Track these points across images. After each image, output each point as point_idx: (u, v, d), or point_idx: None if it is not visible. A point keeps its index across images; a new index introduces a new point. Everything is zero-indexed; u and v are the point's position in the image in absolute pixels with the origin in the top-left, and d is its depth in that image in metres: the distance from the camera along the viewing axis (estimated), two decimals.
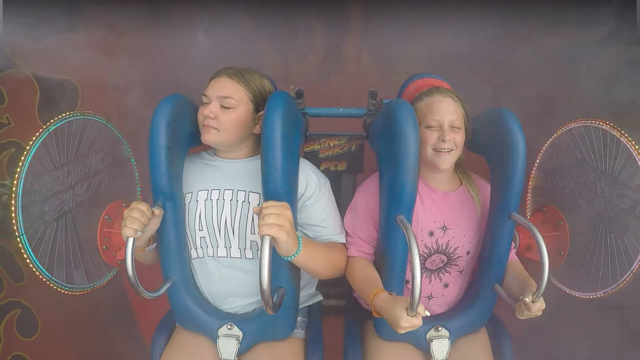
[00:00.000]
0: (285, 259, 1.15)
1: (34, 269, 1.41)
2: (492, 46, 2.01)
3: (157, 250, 1.32)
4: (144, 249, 1.24)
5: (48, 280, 1.44)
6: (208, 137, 1.29)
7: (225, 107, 1.28)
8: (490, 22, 1.90)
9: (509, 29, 1.91)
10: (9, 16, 1.69)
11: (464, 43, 2.06)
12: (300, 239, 1.15)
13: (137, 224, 1.12)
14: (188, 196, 1.33)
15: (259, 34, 2.23)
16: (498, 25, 1.91)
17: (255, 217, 1.28)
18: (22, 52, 1.74)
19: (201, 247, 1.32)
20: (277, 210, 1.06)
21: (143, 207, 1.14)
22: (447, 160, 1.31)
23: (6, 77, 1.72)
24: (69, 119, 1.50)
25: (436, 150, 1.30)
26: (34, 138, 1.40)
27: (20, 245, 1.37)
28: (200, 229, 1.31)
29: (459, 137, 1.32)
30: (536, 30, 1.93)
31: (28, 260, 1.39)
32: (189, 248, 1.34)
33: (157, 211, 1.17)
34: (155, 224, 1.20)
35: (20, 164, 1.37)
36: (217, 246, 1.31)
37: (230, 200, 1.30)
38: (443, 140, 1.28)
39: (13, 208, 1.35)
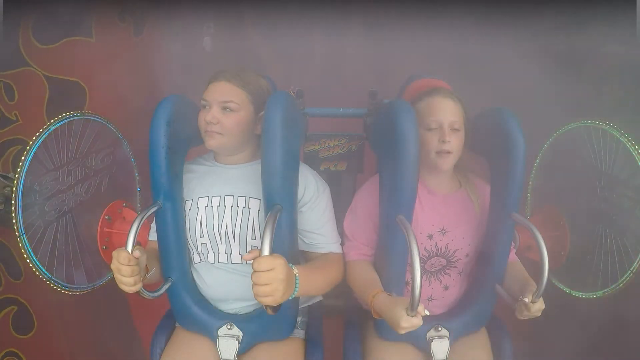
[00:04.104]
0: None
1: (34, 269, 1.41)
2: (491, 46, 2.00)
3: (158, 269, 1.32)
4: (144, 277, 1.20)
5: (48, 280, 1.44)
6: (212, 142, 1.28)
7: (227, 111, 1.27)
8: (489, 22, 1.90)
9: (508, 29, 1.91)
10: (25, 16, 1.70)
11: (463, 43, 2.06)
12: (297, 280, 1.10)
13: (130, 270, 1.09)
14: (188, 203, 1.32)
15: (260, 34, 2.23)
16: (497, 26, 1.91)
17: (256, 222, 1.28)
18: (35, 52, 1.75)
19: (202, 253, 1.32)
20: (267, 277, 1.00)
21: (124, 253, 1.09)
22: (448, 161, 1.31)
23: (18, 74, 1.73)
24: (69, 119, 1.50)
25: (437, 152, 1.30)
26: (34, 138, 1.40)
27: (20, 245, 1.37)
28: (201, 235, 1.31)
29: (459, 139, 1.32)
30: (536, 30, 1.93)
31: (28, 260, 1.39)
32: (191, 253, 1.34)
33: (137, 253, 1.11)
34: (142, 261, 1.15)
35: (20, 163, 1.37)
36: (218, 252, 1.31)
37: (231, 206, 1.30)
38: (443, 142, 1.28)
39: (13, 208, 1.35)
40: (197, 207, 1.31)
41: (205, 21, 2.14)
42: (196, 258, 1.34)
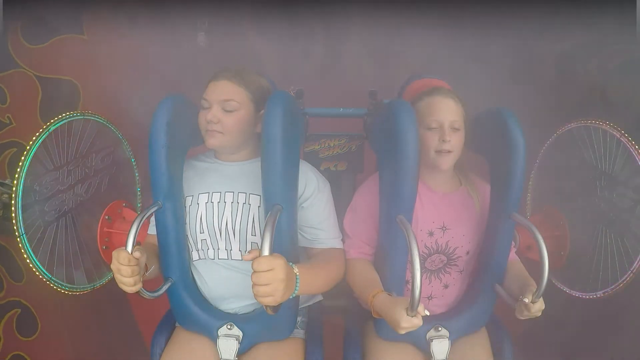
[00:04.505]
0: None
1: (34, 269, 1.41)
2: (491, 46, 2.01)
3: (157, 265, 1.32)
4: (143, 275, 1.19)
5: (48, 280, 1.44)
6: (213, 142, 1.29)
7: (228, 110, 1.28)
8: (489, 22, 1.90)
9: (508, 30, 1.91)
10: (12, 17, 1.69)
11: (463, 43, 2.06)
12: (297, 279, 1.10)
13: (130, 270, 1.09)
14: (189, 199, 1.33)
15: (260, 34, 2.23)
16: (497, 26, 1.91)
17: (256, 218, 1.29)
18: (25, 52, 1.73)
19: (202, 250, 1.32)
20: (267, 277, 0.99)
21: (124, 253, 1.09)
22: (448, 161, 1.31)
23: (9, 77, 1.72)
24: (69, 119, 1.51)
25: (437, 151, 1.30)
26: (34, 138, 1.40)
27: (20, 245, 1.37)
28: (201, 231, 1.31)
29: (459, 138, 1.32)
30: (536, 30, 1.93)
31: (28, 261, 1.39)
32: (190, 250, 1.34)
33: (137, 253, 1.11)
34: (142, 261, 1.14)
35: (20, 164, 1.37)
36: (218, 249, 1.31)
37: (232, 202, 1.30)
38: (444, 141, 1.28)
39: (13, 208, 1.36)
40: (198, 203, 1.31)
41: (201, 18, 2.13)
42: (195, 255, 1.34)
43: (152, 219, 1.35)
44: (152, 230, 1.38)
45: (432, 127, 1.30)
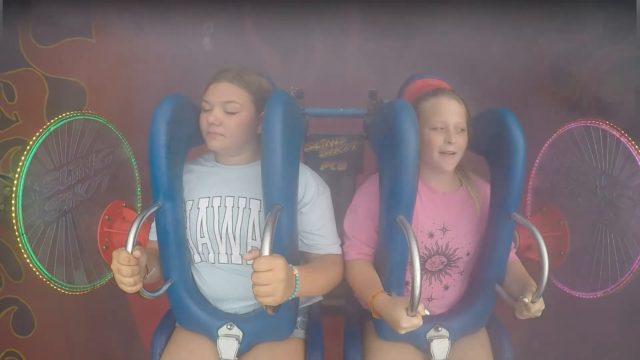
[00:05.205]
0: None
1: (34, 269, 1.41)
2: (491, 46, 2.01)
3: (158, 269, 1.32)
4: (144, 277, 1.20)
5: (48, 280, 1.44)
6: (215, 144, 1.28)
7: (229, 112, 1.27)
8: (489, 22, 1.91)
9: (508, 29, 1.91)
10: (22, 18, 1.71)
11: (463, 43, 2.07)
12: (297, 280, 1.10)
13: (130, 270, 1.09)
14: (189, 204, 1.32)
15: (260, 34, 2.24)
16: (497, 25, 1.91)
17: (257, 223, 1.29)
18: (35, 52, 1.75)
19: (203, 253, 1.32)
20: (267, 277, 0.99)
21: (124, 253, 1.09)
22: (452, 162, 1.31)
23: (18, 75, 1.73)
24: (70, 119, 1.50)
25: (442, 152, 1.30)
26: (34, 138, 1.40)
27: (20, 245, 1.37)
28: (202, 236, 1.30)
29: (464, 139, 1.32)
30: (536, 29, 1.93)
31: (28, 260, 1.39)
32: (192, 253, 1.34)
33: (138, 252, 1.11)
34: (142, 261, 1.15)
35: (20, 163, 1.37)
36: (219, 253, 1.31)
37: (232, 207, 1.30)
38: (449, 143, 1.28)
39: (13, 208, 1.36)
40: (198, 208, 1.31)
41: (205, 21, 2.14)
42: (197, 258, 1.34)
43: (153, 225, 1.35)
44: (152, 236, 1.38)
45: (437, 127, 1.30)
